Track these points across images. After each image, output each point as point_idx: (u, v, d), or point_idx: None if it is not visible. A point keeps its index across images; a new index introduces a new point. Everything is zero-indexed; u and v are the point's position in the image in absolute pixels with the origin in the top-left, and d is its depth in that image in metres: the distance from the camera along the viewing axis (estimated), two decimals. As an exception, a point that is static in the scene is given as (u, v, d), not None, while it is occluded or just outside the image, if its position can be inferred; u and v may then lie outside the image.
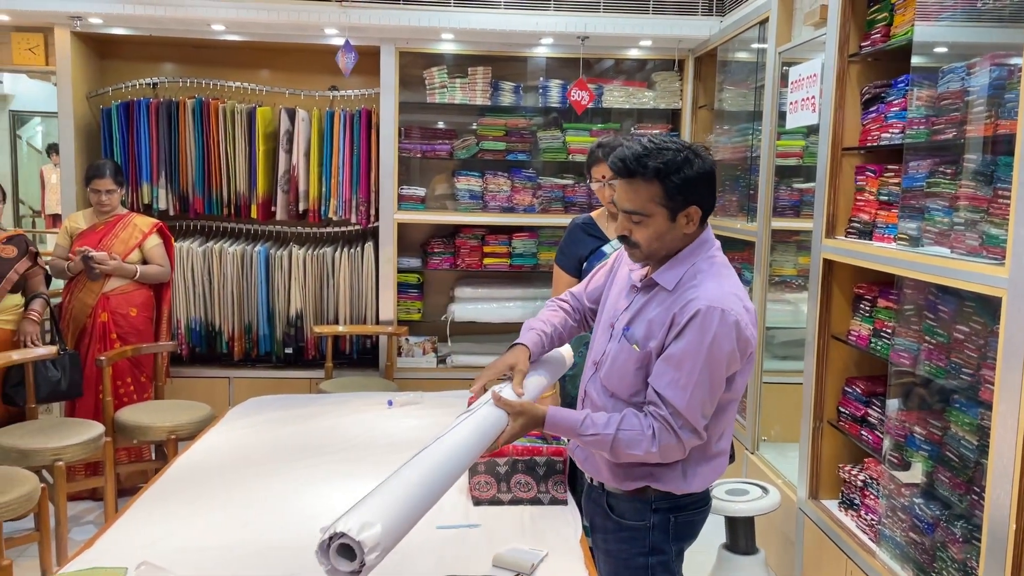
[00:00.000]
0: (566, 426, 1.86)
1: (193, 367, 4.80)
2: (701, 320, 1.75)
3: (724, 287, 1.81)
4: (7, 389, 3.71)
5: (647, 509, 1.91)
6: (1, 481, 2.91)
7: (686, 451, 1.82)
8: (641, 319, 1.87)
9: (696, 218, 1.83)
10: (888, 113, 2.69)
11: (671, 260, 1.86)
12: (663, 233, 1.82)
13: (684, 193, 1.79)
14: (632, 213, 1.82)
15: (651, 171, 1.77)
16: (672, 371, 1.77)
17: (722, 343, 1.75)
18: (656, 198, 1.79)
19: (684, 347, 1.76)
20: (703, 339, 1.74)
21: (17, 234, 3.91)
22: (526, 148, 4.90)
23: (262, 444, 3.10)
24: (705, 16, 4.51)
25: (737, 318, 1.76)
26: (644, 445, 1.78)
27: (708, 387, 1.77)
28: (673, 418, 1.77)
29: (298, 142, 4.71)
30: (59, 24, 4.42)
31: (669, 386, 1.77)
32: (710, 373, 1.76)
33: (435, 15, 4.38)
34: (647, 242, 1.83)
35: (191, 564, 2.08)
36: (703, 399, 1.78)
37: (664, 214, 1.80)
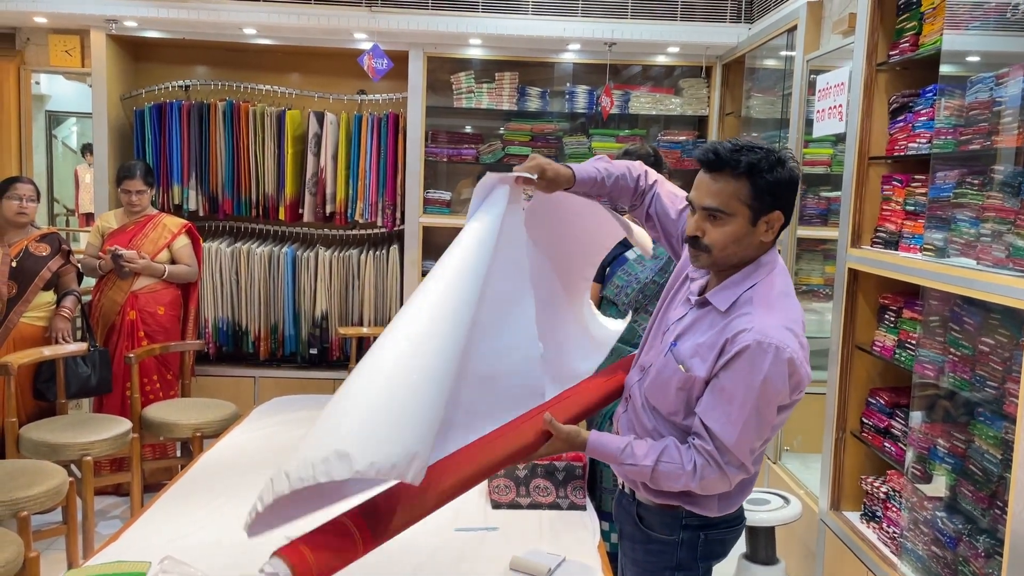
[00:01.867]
0: (607, 452, 1.77)
1: (220, 366, 4.86)
2: (752, 356, 1.62)
3: (779, 318, 1.67)
4: (38, 384, 3.79)
5: (677, 525, 1.83)
6: (30, 474, 2.97)
7: (731, 486, 1.73)
8: (690, 338, 1.75)
9: (777, 227, 1.71)
10: (916, 122, 2.67)
11: (728, 281, 1.74)
12: (740, 237, 1.69)
13: (772, 195, 1.67)
14: (712, 210, 1.68)
15: (743, 165, 1.65)
16: (723, 405, 1.66)
17: (775, 382, 1.63)
18: (742, 196, 1.66)
19: (735, 381, 1.65)
20: (755, 377, 1.63)
21: (50, 232, 3.99)
22: (551, 153, 4.91)
23: (286, 443, 3.13)
24: (733, 23, 4.50)
25: (791, 356, 1.63)
26: (683, 480, 1.69)
27: (757, 425, 1.66)
28: (720, 454, 1.67)
29: (326, 145, 4.76)
30: (95, 27, 4.51)
31: (718, 421, 1.66)
32: (760, 411, 1.65)
33: (463, 20, 4.41)
34: (720, 245, 1.69)
35: (213, 560, 2.11)
36: (752, 437, 1.67)
37: (746, 216, 1.67)
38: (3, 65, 4.84)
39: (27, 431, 3.42)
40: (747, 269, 1.73)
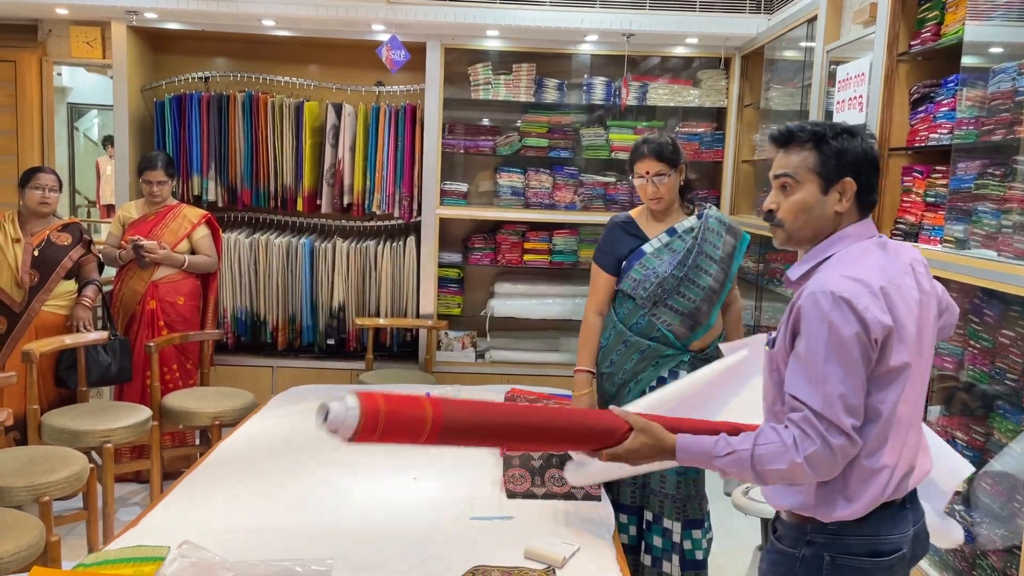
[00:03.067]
0: (700, 449, 1.69)
1: (238, 356, 4.90)
2: (809, 309, 1.60)
3: (844, 271, 1.63)
4: (59, 372, 3.84)
5: (801, 538, 1.71)
6: (52, 461, 3.01)
7: (838, 460, 1.58)
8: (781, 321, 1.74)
9: (850, 193, 1.69)
10: (937, 113, 2.64)
11: (805, 256, 1.74)
12: (811, 205, 1.69)
13: (839, 161, 1.67)
14: (782, 176, 1.72)
15: (807, 134, 1.69)
16: (801, 369, 1.61)
17: (840, 327, 1.57)
18: (810, 163, 1.69)
19: (805, 341, 1.61)
20: (819, 328, 1.58)
21: (72, 222, 4.03)
22: (569, 145, 4.90)
23: (303, 432, 3.16)
24: (753, 14, 4.47)
25: (847, 297, 1.57)
26: (787, 457, 1.57)
27: (844, 379, 1.56)
28: (817, 420, 1.57)
29: (344, 137, 4.78)
30: (116, 18, 4.55)
31: (802, 387, 1.60)
32: (839, 362, 1.56)
33: (481, 12, 4.41)
34: (793, 214, 1.71)
35: (231, 545, 2.13)
36: (842, 393, 1.56)
37: (816, 183, 1.69)
38: (25, 57, 4.89)
39: (49, 418, 3.47)
40: (823, 244, 1.72)
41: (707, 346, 2.84)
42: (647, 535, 2.85)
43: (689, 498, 2.80)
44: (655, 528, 2.82)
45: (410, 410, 1.54)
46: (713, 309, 2.82)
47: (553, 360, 4.88)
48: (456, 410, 1.60)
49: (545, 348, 4.96)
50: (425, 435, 1.55)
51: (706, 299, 2.78)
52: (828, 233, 1.71)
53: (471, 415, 1.62)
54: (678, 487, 2.79)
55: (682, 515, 2.79)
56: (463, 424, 1.60)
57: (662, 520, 2.81)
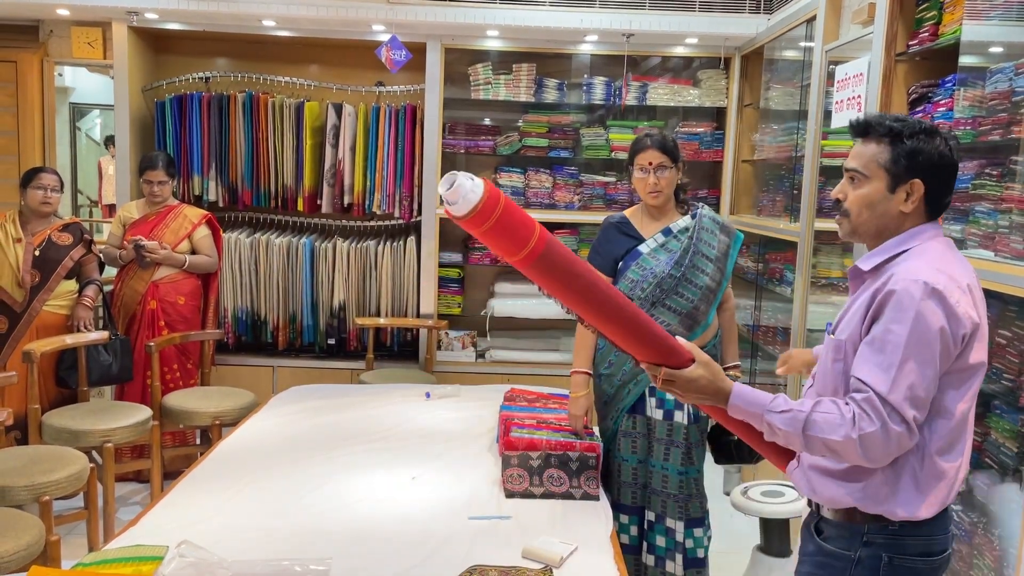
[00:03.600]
0: (755, 400, 1.65)
1: (239, 355, 4.91)
2: (899, 297, 1.56)
3: (931, 263, 1.60)
4: (60, 372, 3.85)
5: (857, 539, 1.66)
6: (53, 460, 3.02)
7: (892, 448, 1.55)
8: (845, 316, 1.71)
9: (918, 195, 1.65)
10: (935, 113, 2.64)
11: (877, 248, 1.70)
12: (876, 201, 1.67)
13: (910, 161, 1.64)
14: (852, 171, 1.70)
15: (884, 128, 1.66)
16: (874, 354, 1.57)
17: (928, 319, 1.54)
18: (881, 159, 1.66)
19: (885, 327, 1.57)
20: (905, 316, 1.54)
21: (72, 222, 4.04)
22: (569, 145, 4.91)
23: (303, 431, 3.17)
24: (752, 14, 4.47)
25: (940, 288, 1.55)
26: (843, 430, 1.54)
27: (918, 371, 1.53)
28: (880, 404, 1.53)
29: (344, 137, 4.78)
30: (117, 19, 4.56)
31: (871, 371, 1.56)
32: (918, 354, 1.53)
33: (481, 12, 4.42)
34: (857, 207, 1.69)
35: (230, 545, 2.14)
36: (912, 383, 1.53)
37: (884, 179, 1.66)
38: (27, 57, 4.90)
39: (49, 418, 3.48)
40: (901, 236, 1.68)
41: (705, 345, 2.84)
42: (649, 535, 2.85)
43: (691, 497, 2.81)
44: (658, 528, 2.83)
45: (524, 218, 1.56)
46: (711, 308, 2.82)
47: (553, 360, 4.89)
48: (560, 248, 1.60)
49: (545, 348, 4.97)
50: (526, 250, 1.55)
51: (704, 298, 2.79)
52: (891, 232, 1.69)
53: (569, 258, 1.62)
54: (680, 486, 2.79)
55: (684, 514, 2.80)
56: (559, 260, 1.59)
57: (664, 520, 2.81)
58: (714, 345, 2.89)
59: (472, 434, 3.15)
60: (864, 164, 1.68)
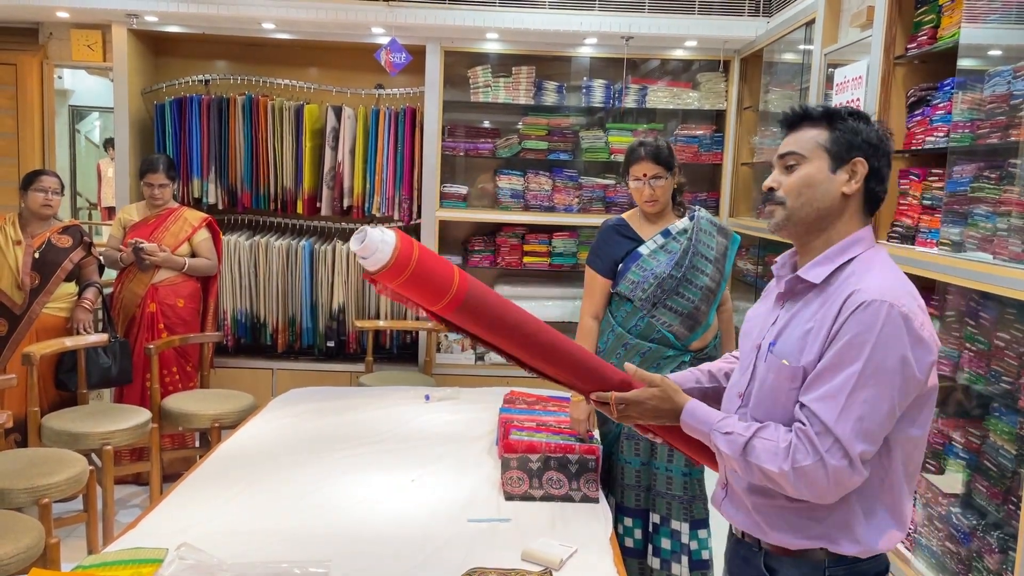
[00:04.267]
0: (705, 419, 1.60)
1: (238, 358, 4.91)
2: (861, 316, 1.44)
3: (891, 280, 1.50)
4: (60, 374, 3.85)
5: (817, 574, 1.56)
6: (52, 463, 3.02)
7: (832, 484, 1.44)
8: (791, 329, 1.57)
9: (861, 175, 1.56)
10: (933, 116, 2.65)
11: (821, 256, 1.58)
12: (816, 182, 1.56)
13: (851, 141, 1.56)
14: (789, 155, 1.60)
15: (820, 111, 1.60)
16: (824, 379, 1.46)
17: (890, 345, 1.42)
18: (820, 139, 1.58)
19: (841, 350, 1.45)
20: (864, 340, 1.43)
21: (72, 225, 4.04)
22: (568, 148, 4.91)
23: (302, 434, 3.17)
24: (751, 17, 4.48)
25: (907, 312, 1.43)
26: (777, 461, 1.46)
27: (873, 402, 1.42)
28: (820, 438, 1.43)
29: (344, 139, 4.79)
30: (116, 22, 4.56)
31: (818, 399, 1.46)
32: (876, 383, 1.42)
33: (480, 15, 4.42)
34: (796, 190, 1.57)
35: (230, 547, 2.14)
36: (863, 415, 1.42)
37: (825, 160, 1.57)
38: (26, 60, 4.90)
39: (49, 420, 3.48)
40: (841, 244, 1.57)
41: (706, 345, 2.85)
42: (654, 538, 2.85)
43: (695, 498, 2.81)
44: (663, 530, 2.83)
45: (441, 268, 1.53)
46: (711, 308, 2.83)
47: (552, 362, 4.88)
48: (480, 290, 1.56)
49: (544, 350, 4.96)
50: (445, 301, 1.52)
51: (704, 299, 2.79)
52: (831, 220, 1.58)
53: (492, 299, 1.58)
54: (685, 488, 2.79)
55: (689, 515, 2.80)
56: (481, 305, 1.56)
57: (670, 522, 2.81)
58: (715, 346, 2.89)
59: (471, 436, 3.15)
60: (802, 146, 1.59)
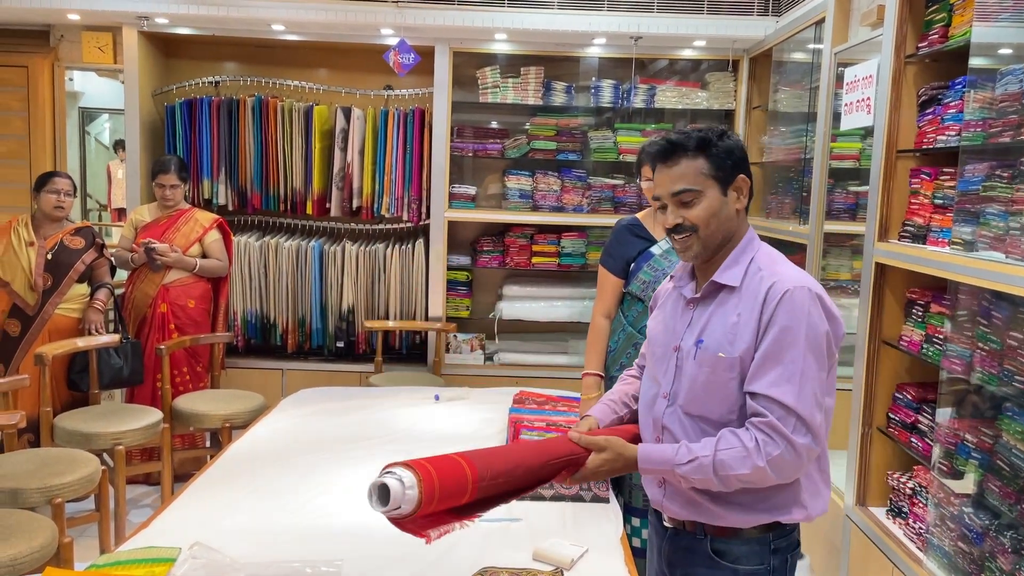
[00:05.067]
0: (661, 459, 1.67)
1: (248, 358, 4.93)
2: (790, 302, 1.61)
3: (795, 269, 1.71)
4: (72, 375, 3.87)
5: (766, 551, 1.70)
6: (65, 462, 3.04)
7: (803, 461, 1.60)
8: (714, 327, 1.71)
9: (745, 190, 1.74)
10: (945, 115, 2.64)
11: (727, 260, 1.74)
12: (717, 210, 1.71)
13: (730, 161, 1.71)
14: (683, 192, 1.70)
15: (694, 141, 1.70)
16: (772, 366, 1.60)
17: (817, 323, 1.61)
18: (705, 170, 1.70)
19: (779, 336, 1.61)
20: (798, 321, 1.60)
21: (84, 226, 4.07)
22: (577, 148, 4.91)
23: (312, 434, 3.18)
24: (761, 16, 4.47)
25: (820, 293, 1.65)
26: (749, 461, 1.57)
27: (816, 374, 1.60)
28: (783, 421, 1.57)
29: (353, 140, 4.80)
30: (127, 24, 4.59)
31: (773, 384, 1.59)
32: (815, 358, 1.60)
33: (489, 15, 4.43)
34: (705, 221, 1.70)
35: (242, 546, 2.15)
36: (814, 390, 1.60)
37: (716, 188, 1.71)
38: (38, 62, 4.93)
39: (61, 420, 3.50)
40: (740, 246, 1.75)
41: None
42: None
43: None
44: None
45: (454, 469, 1.55)
46: (721, 311, 2.82)
47: (561, 362, 4.89)
48: (488, 462, 1.60)
49: (553, 350, 4.97)
50: (468, 493, 1.56)
51: (714, 301, 2.79)
52: (735, 235, 1.75)
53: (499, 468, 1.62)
54: (692, 488, 2.79)
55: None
56: (494, 478, 1.59)
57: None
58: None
59: (481, 436, 3.16)
60: (692, 181, 1.70)
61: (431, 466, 1.53)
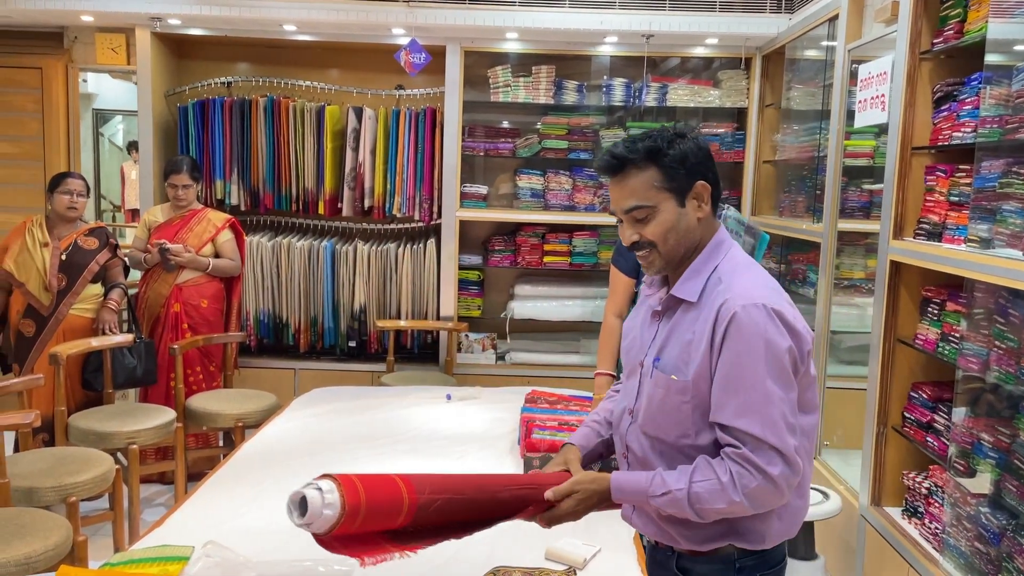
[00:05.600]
0: (634, 489, 1.58)
1: (261, 358, 4.94)
2: (740, 324, 1.49)
3: (755, 280, 1.57)
4: (86, 374, 3.89)
5: (730, 570, 1.62)
6: (79, 461, 3.05)
7: (783, 490, 1.50)
8: (671, 345, 1.61)
9: (707, 196, 1.61)
10: (960, 112, 2.61)
11: (688, 271, 1.63)
12: (675, 223, 1.59)
13: (684, 169, 1.58)
14: (635, 209, 1.59)
15: (642, 152, 1.57)
16: (733, 394, 1.50)
17: (776, 340, 1.49)
18: (656, 182, 1.58)
19: (734, 360, 1.50)
20: (754, 343, 1.48)
21: (98, 226, 4.09)
22: (588, 147, 4.90)
23: (325, 433, 3.18)
24: (773, 13, 4.45)
25: (778, 308, 1.51)
26: (725, 496, 1.48)
27: (782, 397, 1.48)
28: (755, 453, 1.48)
29: (364, 140, 4.80)
30: (140, 25, 4.61)
31: (737, 415, 1.49)
32: (778, 380, 1.49)
33: (500, 14, 4.42)
34: (662, 238, 1.59)
35: (255, 545, 2.15)
36: (782, 412, 1.48)
37: (671, 200, 1.59)
38: (52, 63, 4.96)
39: (75, 419, 3.52)
40: (703, 254, 1.63)
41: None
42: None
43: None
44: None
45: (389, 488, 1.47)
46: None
47: (573, 362, 4.88)
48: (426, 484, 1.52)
49: (565, 350, 4.96)
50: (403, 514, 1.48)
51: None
52: (697, 245, 1.63)
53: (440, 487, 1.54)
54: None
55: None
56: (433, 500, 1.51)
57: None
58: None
59: (493, 436, 3.15)
60: (643, 197, 1.59)
61: (358, 479, 1.45)
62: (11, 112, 5.04)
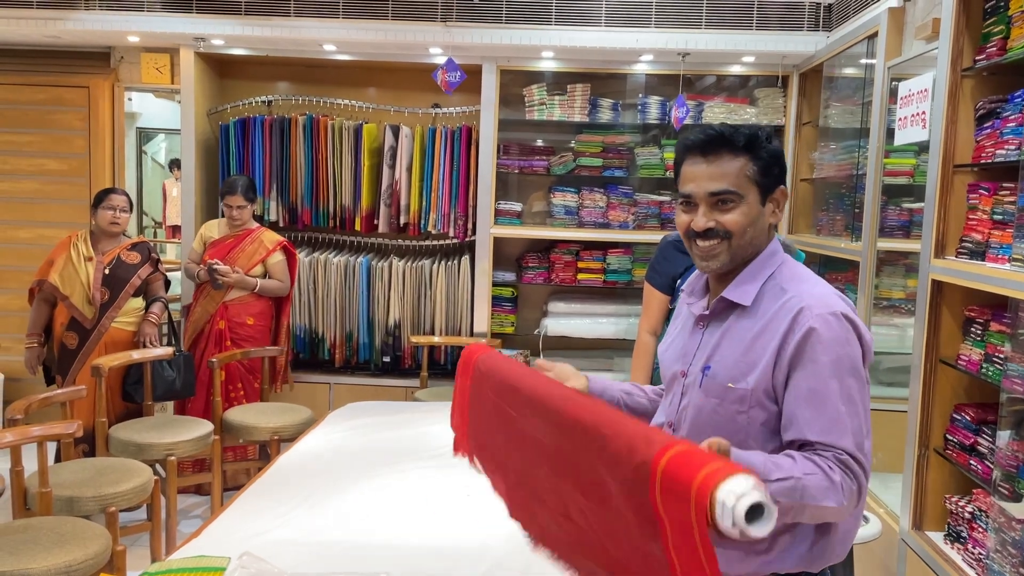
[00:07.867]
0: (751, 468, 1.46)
1: (296, 372, 4.98)
2: (821, 335, 1.42)
3: (825, 288, 1.50)
4: (127, 386, 3.96)
5: None
6: (119, 472, 3.10)
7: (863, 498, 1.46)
8: (725, 352, 1.53)
9: (782, 204, 1.56)
10: (1004, 129, 2.57)
11: (743, 274, 1.55)
12: (755, 219, 1.52)
13: (778, 166, 1.53)
14: (724, 193, 1.50)
15: (742, 139, 1.51)
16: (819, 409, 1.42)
17: (852, 352, 1.44)
18: (749, 172, 1.51)
19: (818, 374, 1.42)
20: (838, 354, 1.42)
21: (141, 241, 4.18)
22: (623, 164, 4.90)
23: (359, 447, 3.20)
24: (811, 31, 4.42)
25: (852, 317, 1.46)
26: (836, 496, 1.37)
27: (860, 411, 1.43)
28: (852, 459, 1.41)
29: (401, 157, 4.85)
30: (184, 45, 4.71)
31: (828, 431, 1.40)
32: (859, 392, 1.44)
33: (536, 33, 4.45)
34: (741, 230, 1.51)
35: (289, 557, 2.16)
36: (861, 424, 1.43)
37: (756, 195, 1.52)
38: (99, 83, 5.09)
39: (116, 431, 3.58)
40: (759, 260, 1.55)
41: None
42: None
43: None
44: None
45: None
46: (771, 328, 2.78)
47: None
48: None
49: (599, 367, 4.94)
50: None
51: (763, 318, 2.74)
52: (759, 248, 1.56)
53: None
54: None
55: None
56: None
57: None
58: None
59: (527, 453, 3.14)
60: (734, 182, 1.50)
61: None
62: (59, 130, 5.18)
